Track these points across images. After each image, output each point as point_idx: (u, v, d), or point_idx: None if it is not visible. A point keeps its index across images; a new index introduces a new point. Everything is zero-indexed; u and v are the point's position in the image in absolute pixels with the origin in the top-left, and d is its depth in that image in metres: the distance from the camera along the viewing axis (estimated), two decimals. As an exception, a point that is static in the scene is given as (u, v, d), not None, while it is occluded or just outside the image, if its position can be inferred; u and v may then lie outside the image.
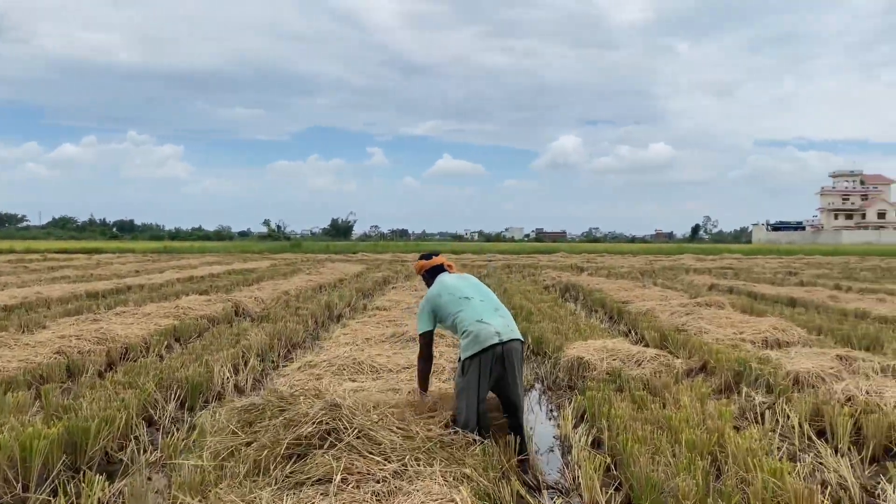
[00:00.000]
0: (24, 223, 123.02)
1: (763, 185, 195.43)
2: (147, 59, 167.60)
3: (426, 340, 4.85)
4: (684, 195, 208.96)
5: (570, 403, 5.90)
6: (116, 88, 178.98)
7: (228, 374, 7.16)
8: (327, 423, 3.70)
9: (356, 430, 3.64)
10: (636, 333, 10.06)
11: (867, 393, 5.38)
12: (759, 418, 5.53)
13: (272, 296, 14.57)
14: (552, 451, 5.13)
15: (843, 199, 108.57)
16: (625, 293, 14.95)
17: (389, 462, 3.48)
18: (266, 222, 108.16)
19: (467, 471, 3.48)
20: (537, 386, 7.28)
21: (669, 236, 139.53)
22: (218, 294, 14.34)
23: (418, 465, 3.45)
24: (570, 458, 4.74)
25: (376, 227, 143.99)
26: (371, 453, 3.53)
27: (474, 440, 3.97)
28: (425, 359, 4.93)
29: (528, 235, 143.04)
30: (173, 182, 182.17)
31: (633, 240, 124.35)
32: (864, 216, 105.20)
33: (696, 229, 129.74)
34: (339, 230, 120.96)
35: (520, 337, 4.61)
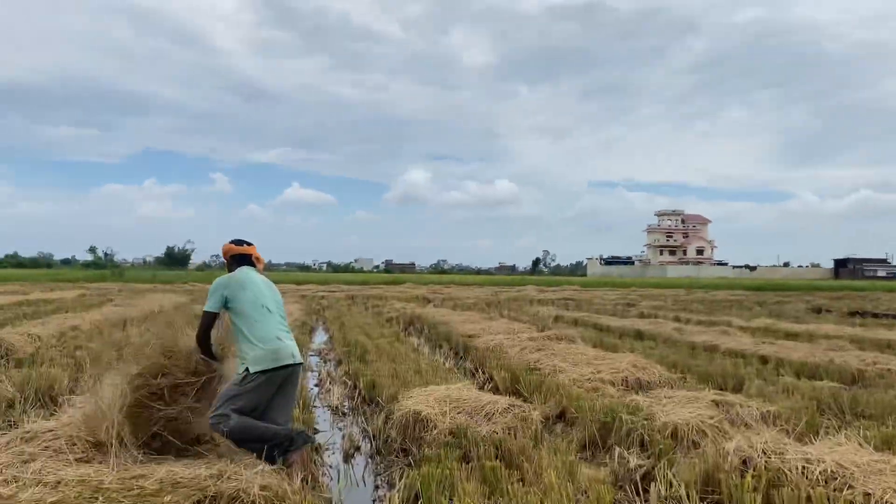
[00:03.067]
0: None
1: (595, 222, 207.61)
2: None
3: (209, 321, 4.52)
4: (525, 230, 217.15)
5: (401, 478, 4.41)
6: None
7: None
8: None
9: None
10: (484, 373, 8.82)
11: (765, 453, 4.35)
12: (639, 489, 4.34)
13: (55, 332, 11.93)
14: (372, 558, 3.60)
15: (667, 237, 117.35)
16: (472, 326, 13.82)
17: None
18: (92, 249, 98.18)
19: None
20: (364, 447, 5.73)
21: (512, 269, 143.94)
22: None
23: None
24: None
25: (217, 256, 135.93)
26: None
27: None
28: (203, 338, 4.55)
29: (377, 267, 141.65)
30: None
31: (478, 272, 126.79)
32: (685, 252, 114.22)
33: (536, 262, 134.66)
34: (175, 259, 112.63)
35: (302, 360, 4.68)
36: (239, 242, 4.94)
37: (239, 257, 4.85)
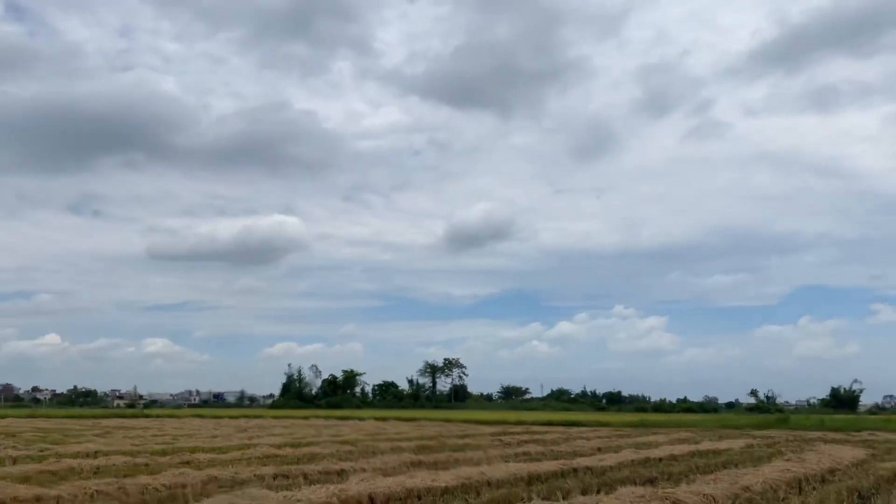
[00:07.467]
0: (528, 395, 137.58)
1: None
2: (625, 240, 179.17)
3: None
4: None
5: None
6: (601, 269, 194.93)
7: None
8: None
9: None
10: None
11: None
12: None
13: (728, 493, 11.68)
14: None
15: None
16: None
17: None
18: (753, 392, 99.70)
19: None
20: None
21: None
22: (662, 485, 12.18)
23: None
24: None
25: (891, 396, 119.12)
26: None
27: None
28: None
29: None
30: (656, 353, 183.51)
31: None
32: None
33: None
34: (842, 401, 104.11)
35: None
36: None
37: None
